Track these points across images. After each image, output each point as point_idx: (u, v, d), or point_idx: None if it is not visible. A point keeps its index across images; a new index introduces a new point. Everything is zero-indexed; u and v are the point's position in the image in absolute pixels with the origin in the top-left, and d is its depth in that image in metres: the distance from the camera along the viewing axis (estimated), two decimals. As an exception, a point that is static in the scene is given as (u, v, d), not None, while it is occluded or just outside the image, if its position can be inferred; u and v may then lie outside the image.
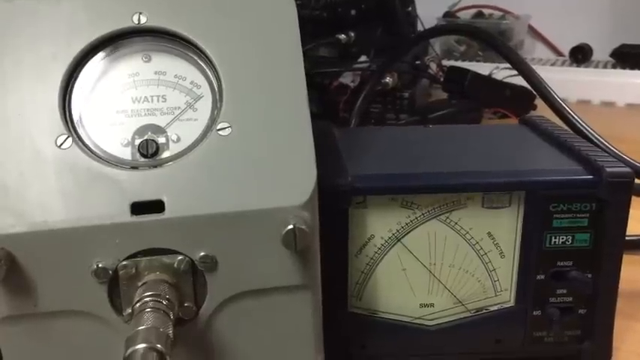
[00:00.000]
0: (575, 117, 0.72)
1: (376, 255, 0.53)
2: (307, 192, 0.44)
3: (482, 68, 1.42)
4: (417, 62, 1.34)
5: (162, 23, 0.48)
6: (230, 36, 0.48)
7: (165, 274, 0.44)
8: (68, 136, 0.44)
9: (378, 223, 0.53)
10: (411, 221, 0.53)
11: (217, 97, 0.47)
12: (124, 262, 0.43)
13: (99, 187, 0.43)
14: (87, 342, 0.45)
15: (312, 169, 0.45)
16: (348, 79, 1.26)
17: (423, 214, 0.53)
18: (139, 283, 0.43)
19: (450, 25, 1.57)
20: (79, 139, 0.45)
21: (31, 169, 0.43)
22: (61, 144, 0.44)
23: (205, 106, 0.47)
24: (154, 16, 0.48)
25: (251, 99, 0.46)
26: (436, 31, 1.25)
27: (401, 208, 0.53)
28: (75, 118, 0.46)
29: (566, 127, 0.69)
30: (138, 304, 0.41)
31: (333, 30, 1.26)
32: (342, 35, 1.26)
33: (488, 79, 1.34)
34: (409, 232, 0.53)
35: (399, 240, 0.53)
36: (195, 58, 0.48)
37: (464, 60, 1.59)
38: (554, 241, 0.53)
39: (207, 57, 0.48)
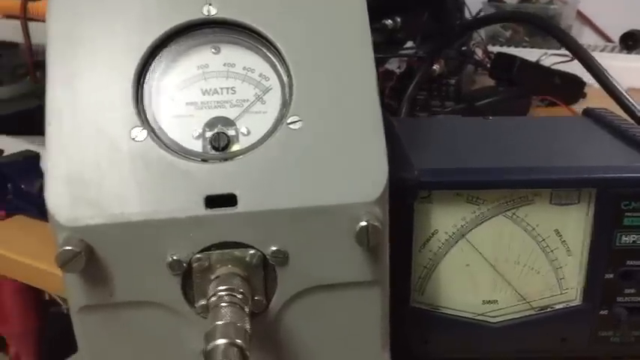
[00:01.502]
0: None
1: (440, 250, 0.53)
2: (379, 187, 0.44)
3: (529, 54, 1.38)
4: (464, 48, 1.31)
5: (231, 15, 0.48)
6: (299, 28, 0.47)
7: (238, 268, 0.44)
8: (143, 129, 0.44)
9: (443, 218, 0.52)
10: (477, 217, 0.52)
11: (286, 89, 0.47)
12: (198, 255, 0.43)
13: (173, 179, 0.43)
14: (159, 332, 0.46)
15: (384, 163, 0.44)
16: (393, 65, 1.25)
17: (489, 209, 0.52)
18: (212, 276, 0.43)
19: (504, 13, 1.53)
20: (151, 132, 0.45)
21: (107, 161, 0.43)
22: (136, 136, 0.44)
23: (274, 98, 0.47)
24: (224, 8, 0.47)
25: (321, 92, 0.46)
26: (494, 18, 1.23)
27: (466, 203, 0.52)
28: (147, 110, 0.46)
29: (630, 120, 0.68)
30: (213, 298, 0.41)
31: (379, 15, 1.24)
32: (389, 21, 1.24)
33: (537, 66, 1.31)
34: (474, 227, 0.52)
35: (463, 235, 0.53)
36: (264, 50, 0.48)
37: (509, 46, 1.56)
38: (625, 240, 0.52)
39: (276, 49, 0.47)
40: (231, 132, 0.46)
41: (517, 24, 1.52)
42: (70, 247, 0.40)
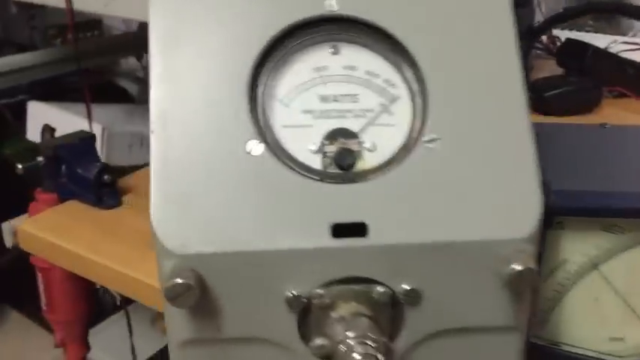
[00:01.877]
0: None
1: (567, 281, 0.47)
2: (533, 221, 0.38)
3: (596, 40, 1.30)
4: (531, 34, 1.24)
5: (354, 11, 0.41)
6: (435, 27, 0.41)
7: (363, 306, 0.38)
8: (259, 142, 0.39)
9: (575, 247, 0.47)
10: (613, 246, 0.46)
11: (417, 99, 0.41)
12: (319, 291, 0.38)
13: (294, 202, 0.38)
14: (267, 371, 0.41)
15: (537, 192, 0.38)
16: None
17: (628, 239, 0.46)
18: (334, 315, 0.38)
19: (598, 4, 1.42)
20: (267, 143, 0.39)
21: (220, 178, 0.38)
22: (251, 150, 0.38)
23: (403, 109, 0.41)
24: (346, 2, 0.41)
25: (461, 103, 0.40)
26: (583, 10, 1.13)
27: (602, 231, 0.46)
28: (260, 118, 0.40)
29: None
30: (342, 346, 0.36)
31: None
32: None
33: (611, 55, 1.23)
34: (609, 258, 0.47)
35: (595, 266, 0.47)
36: (390, 52, 0.42)
37: (571, 29, 1.47)
38: None
39: (405, 52, 0.41)
40: (353, 146, 0.40)
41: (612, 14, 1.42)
42: (181, 281, 0.35)
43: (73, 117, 1.53)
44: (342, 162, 0.39)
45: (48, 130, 0.80)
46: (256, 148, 0.38)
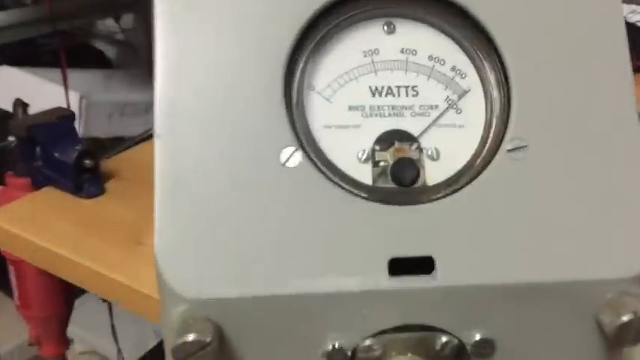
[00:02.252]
0: None
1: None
2: (642, 258, 0.30)
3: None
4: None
5: (417, -24, 0.32)
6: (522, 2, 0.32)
7: (420, 358, 0.31)
8: (296, 149, 0.30)
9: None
10: None
11: (496, 93, 0.32)
12: (368, 342, 0.30)
13: (340, 229, 0.29)
14: None
15: (647, 220, 0.30)
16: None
17: None
18: (386, 370, 0.30)
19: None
20: (305, 151, 0.31)
21: (245, 199, 0.29)
22: (287, 160, 0.30)
23: (475, 106, 0.32)
24: (408, -35, 0.32)
25: (557, 102, 0.31)
26: None
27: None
28: (297, 118, 0.31)
29: None
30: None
31: None
32: None
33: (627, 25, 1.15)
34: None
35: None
36: (459, 31, 0.33)
37: None
38: None
39: (481, 30, 0.32)
40: (412, 153, 0.32)
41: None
42: (193, 337, 0.26)
43: (48, 84, 1.41)
44: (401, 175, 0.30)
45: (20, 105, 0.70)
46: (293, 157, 0.29)
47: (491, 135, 0.31)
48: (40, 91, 1.35)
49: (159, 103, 0.29)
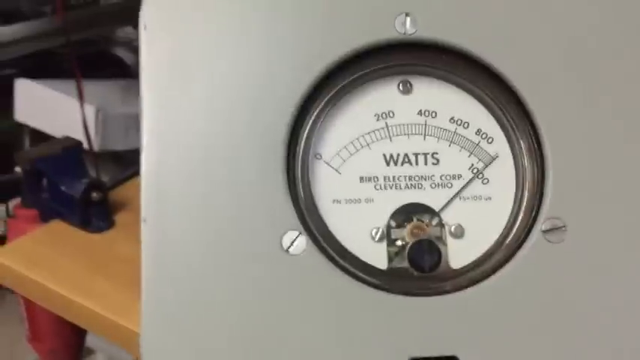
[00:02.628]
0: None
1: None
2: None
3: None
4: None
5: (436, 33, 0.28)
6: (557, 56, 0.28)
7: None
8: (300, 233, 0.27)
9: None
10: None
11: (528, 161, 0.28)
12: None
13: (351, 324, 0.26)
14: None
15: None
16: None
17: None
18: None
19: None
20: (310, 233, 0.27)
21: (242, 291, 0.26)
22: (291, 246, 0.26)
23: (504, 176, 0.29)
24: (427, 22, 0.28)
25: (599, 177, 0.27)
26: None
27: None
28: (301, 193, 0.28)
29: None
30: None
31: None
32: None
33: None
34: None
35: None
36: (485, 91, 0.29)
37: None
38: None
39: (509, 91, 0.28)
40: (434, 230, 0.28)
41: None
42: None
43: (64, 97, 1.40)
44: (420, 261, 0.27)
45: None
46: (297, 242, 0.26)
47: (522, 210, 0.28)
48: (55, 104, 1.34)
49: (145, 182, 0.26)
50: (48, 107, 1.33)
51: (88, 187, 0.62)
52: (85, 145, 0.88)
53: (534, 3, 0.28)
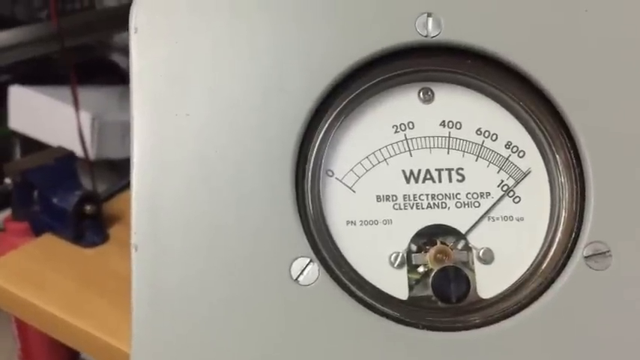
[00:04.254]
0: None
1: None
2: None
3: None
4: None
5: (462, 36, 0.26)
6: (599, 59, 0.26)
7: None
8: (310, 260, 0.24)
9: None
10: None
11: (565, 179, 0.25)
12: None
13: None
14: None
15: None
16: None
17: None
18: None
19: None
20: (322, 260, 0.24)
21: (244, 326, 0.23)
22: (301, 275, 0.24)
23: (537, 194, 0.26)
24: (451, 23, 0.26)
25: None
26: None
27: None
28: (311, 214, 0.25)
29: None
30: None
31: None
32: None
33: None
34: None
35: None
36: (516, 99, 0.26)
37: None
38: None
39: (544, 99, 0.26)
40: (460, 255, 0.26)
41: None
42: None
43: (60, 105, 1.37)
44: (446, 291, 0.24)
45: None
46: (308, 272, 0.23)
47: (560, 232, 0.25)
48: (50, 111, 1.32)
49: (137, 205, 0.23)
50: (43, 115, 1.30)
51: (80, 200, 0.59)
52: (81, 154, 0.85)
53: (576, 2, 0.25)
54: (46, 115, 1.28)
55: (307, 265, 0.23)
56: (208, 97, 0.24)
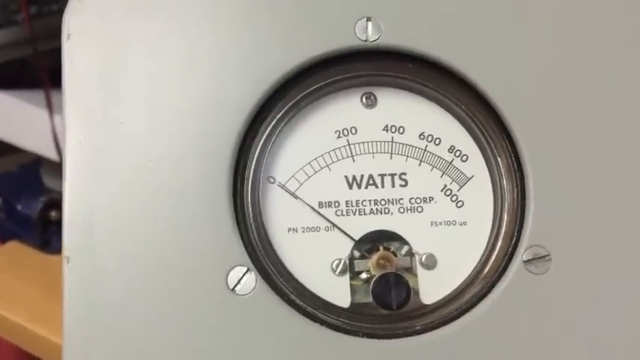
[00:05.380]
0: None
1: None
2: None
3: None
4: None
5: (402, 40, 0.25)
6: (540, 63, 0.26)
7: None
8: (248, 270, 0.23)
9: None
10: None
11: (508, 183, 0.25)
12: None
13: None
14: None
15: None
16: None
17: None
18: None
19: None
20: (261, 268, 0.24)
21: (179, 339, 0.22)
22: (237, 285, 0.23)
23: (481, 198, 0.26)
24: (392, 27, 0.26)
25: (585, 199, 0.24)
26: None
27: None
28: (250, 222, 0.25)
29: None
30: None
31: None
32: None
33: None
34: None
35: None
36: (459, 103, 0.26)
37: None
38: None
39: (486, 103, 0.25)
40: (403, 261, 0.25)
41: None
42: None
43: (34, 109, 1.35)
44: (386, 298, 0.24)
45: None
46: (246, 281, 0.23)
47: (501, 237, 0.24)
48: (24, 115, 1.30)
49: (67, 216, 0.23)
50: (17, 119, 1.29)
51: (45, 206, 0.59)
52: (56, 158, 0.84)
53: (518, 7, 0.25)
54: (19, 119, 1.27)
55: (244, 274, 0.23)
56: (144, 105, 0.24)
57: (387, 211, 0.25)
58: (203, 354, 0.22)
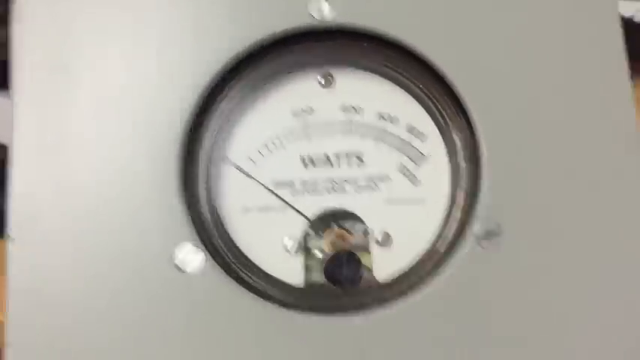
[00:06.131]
0: None
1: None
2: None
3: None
4: None
5: (358, 18, 0.25)
6: (494, 43, 0.25)
7: None
8: (197, 249, 0.23)
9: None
10: None
11: (462, 160, 0.25)
12: None
13: (258, 348, 0.23)
14: None
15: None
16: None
17: None
18: None
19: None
20: (211, 247, 0.24)
21: (124, 321, 0.23)
22: (183, 263, 0.23)
23: (437, 177, 0.25)
24: (346, 5, 0.25)
25: (539, 177, 0.24)
26: None
27: None
28: (202, 200, 0.25)
29: None
30: None
31: None
32: None
33: (631, 24, 1.05)
34: None
35: None
36: (418, 83, 0.26)
37: None
38: None
39: (442, 81, 0.25)
40: (358, 239, 0.25)
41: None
42: None
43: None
44: (338, 276, 0.24)
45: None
46: (192, 259, 0.23)
47: (456, 214, 0.24)
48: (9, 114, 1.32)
49: (16, 200, 0.23)
50: (4, 119, 1.31)
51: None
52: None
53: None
54: (7, 120, 1.29)
55: (192, 252, 0.23)
56: (94, 86, 0.24)
57: (342, 190, 0.25)
58: (151, 331, 0.22)
